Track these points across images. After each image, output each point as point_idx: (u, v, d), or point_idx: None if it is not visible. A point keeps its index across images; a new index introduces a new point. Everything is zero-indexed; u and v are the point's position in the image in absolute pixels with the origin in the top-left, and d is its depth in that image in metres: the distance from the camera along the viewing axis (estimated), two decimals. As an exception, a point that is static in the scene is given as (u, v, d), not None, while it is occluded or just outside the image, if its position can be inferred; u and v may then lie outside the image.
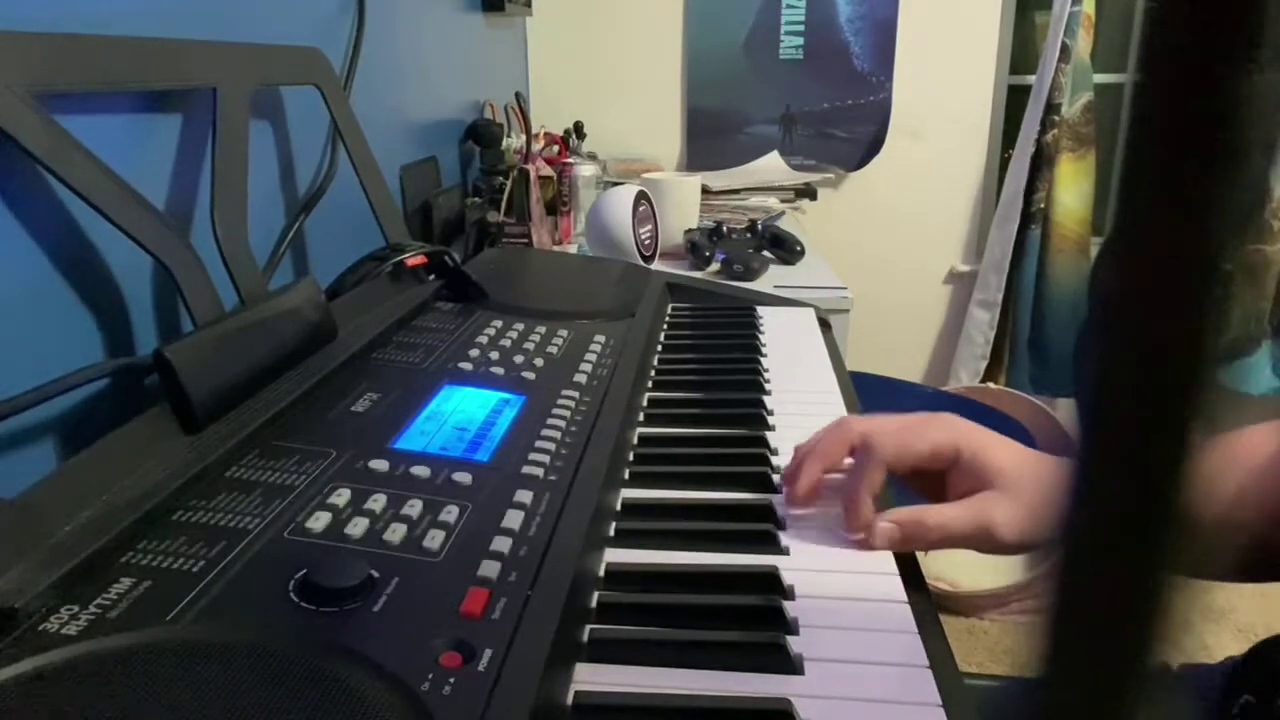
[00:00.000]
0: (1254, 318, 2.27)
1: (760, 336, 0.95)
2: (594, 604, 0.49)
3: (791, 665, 0.44)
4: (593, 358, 0.75)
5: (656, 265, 1.39)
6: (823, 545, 0.56)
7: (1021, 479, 0.55)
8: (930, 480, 0.60)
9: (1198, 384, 0.11)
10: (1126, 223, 0.11)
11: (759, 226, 1.50)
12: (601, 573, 0.52)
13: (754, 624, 0.47)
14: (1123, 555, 0.12)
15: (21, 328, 0.53)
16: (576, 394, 0.67)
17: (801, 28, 2.32)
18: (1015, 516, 0.54)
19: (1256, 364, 2.28)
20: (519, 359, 0.72)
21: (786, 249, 1.47)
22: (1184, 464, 0.11)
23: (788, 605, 0.48)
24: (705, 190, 1.72)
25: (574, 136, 1.89)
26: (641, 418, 0.74)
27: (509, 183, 1.45)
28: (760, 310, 1.04)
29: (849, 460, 0.60)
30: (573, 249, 1.53)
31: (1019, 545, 0.54)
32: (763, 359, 0.88)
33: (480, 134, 1.48)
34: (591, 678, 0.44)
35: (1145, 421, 0.12)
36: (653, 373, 0.83)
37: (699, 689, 0.42)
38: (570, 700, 0.42)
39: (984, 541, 0.55)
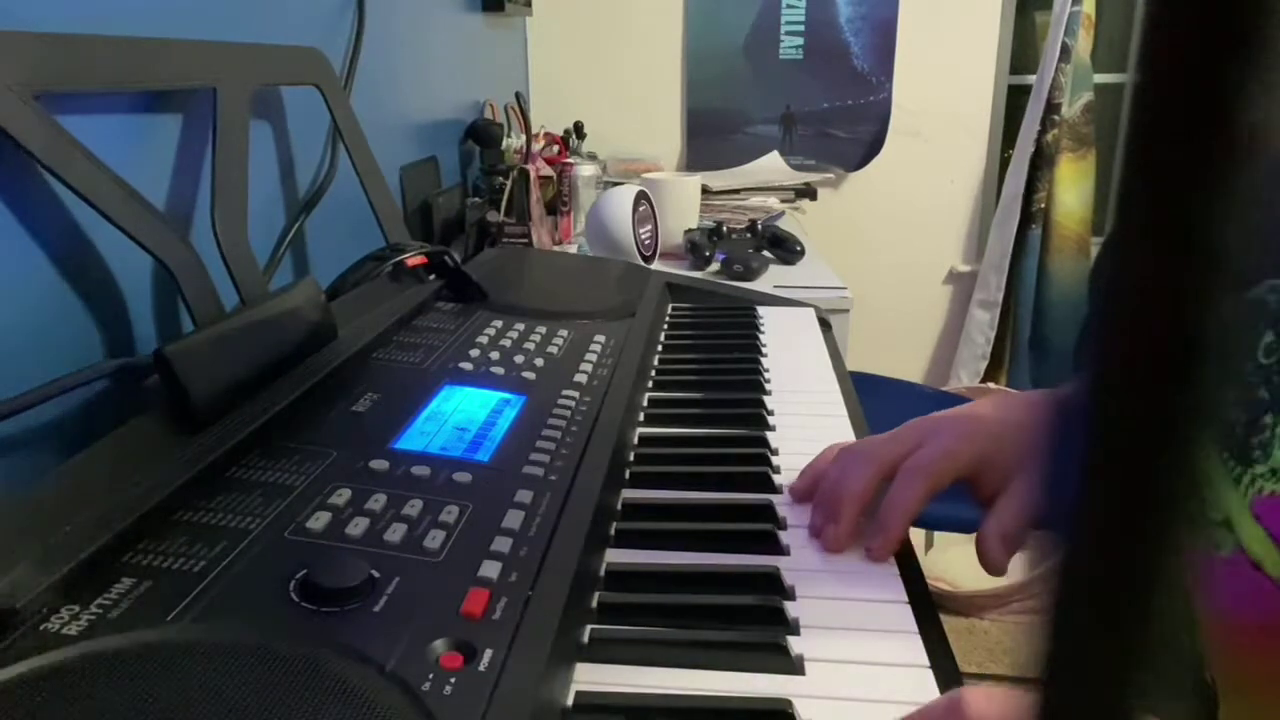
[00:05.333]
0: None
1: (760, 336, 0.95)
2: (595, 604, 0.49)
3: (792, 665, 0.44)
4: (593, 358, 0.75)
5: (656, 265, 1.39)
6: (823, 545, 0.56)
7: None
8: None
9: (1199, 383, 0.11)
10: (1127, 222, 0.11)
11: (759, 226, 1.50)
12: (602, 573, 0.52)
13: (755, 624, 0.47)
14: (1122, 553, 0.12)
15: (21, 328, 0.53)
16: (577, 394, 0.67)
17: (801, 28, 2.32)
18: None
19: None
20: (519, 359, 0.72)
21: (786, 249, 1.47)
22: (1185, 462, 0.11)
23: (788, 605, 0.48)
24: (705, 190, 1.72)
25: (574, 136, 1.90)
26: (642, 418, 0.74)
27: (509, 183, 1.45)
28: (760, 310, 1.04)
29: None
30: (573, 249, 1.53)
31: None
32: (763, 359, 0.88)
33: (480, 134, 1.48)
34: (592, 678, 0.44)
35: (1146, 421, 0.12)
36: (653, 373, 0.83)
37: (700, 689, 0.42)
38: (571, 700, 0.42)
39: None
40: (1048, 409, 0.12)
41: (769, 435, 0.70)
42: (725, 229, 1.47)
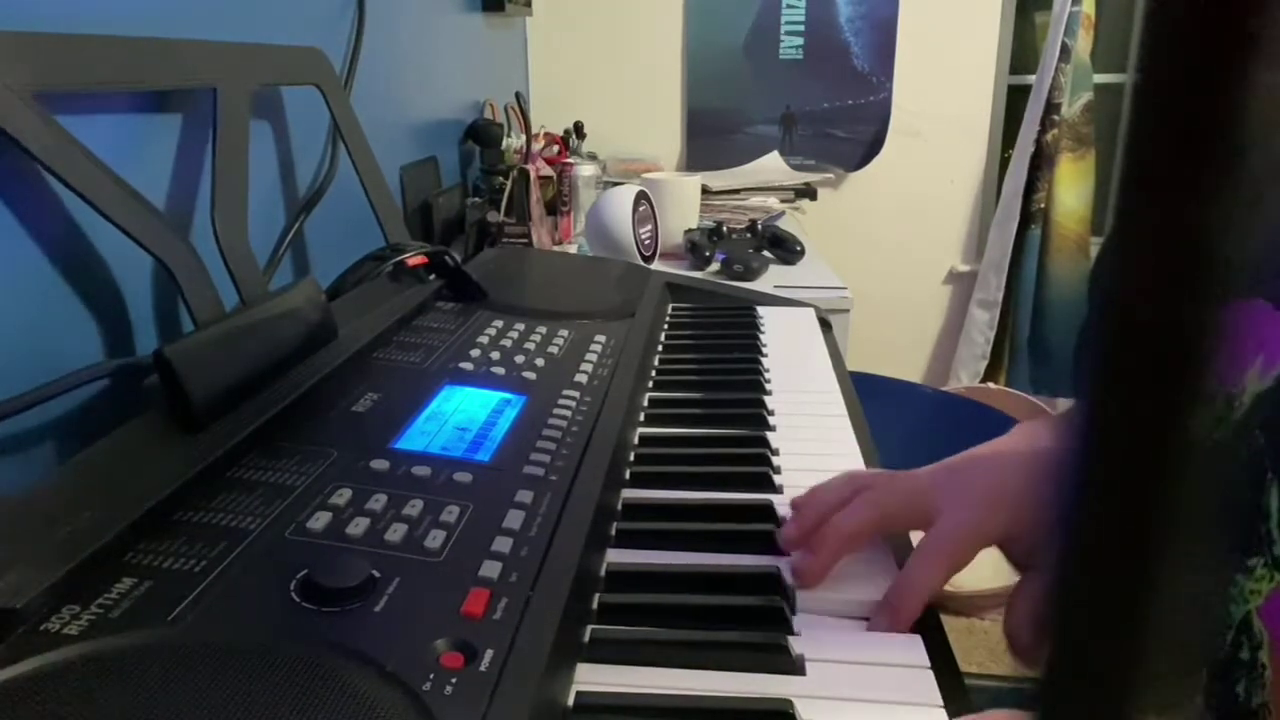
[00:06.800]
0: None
1: (760, 336, 0.95)
2: (595, 604, 0.49)
3: (793, 666, 0.44)
4: (593, 358, 0.75)
5: (656, 265, 1.39)
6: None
7: None
8: None
9: (1198, 383, 0.11)
10: (1126, 224, 0.11)
11: (759, 226, 1.50)
12: (603, 573, 0.52)
13: (755, 624, 0.47)
14: (1123, 553, 0.12)
15: (22, 327, 0.53)
16: (577, 394, 0.67)
17: (801, 28, 2.32)
18: None
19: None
20: (520, 359, 0.72)
21: (786, 249, 1.47)
22: (1184, 463, 0.12)
23: (788, 605, 0.48)
24: (705, 190, 1.72)
25: (574, 136, 1.89)
26: (642, 418, 0.74)
27: (509, 183, 1.45)
28: (760, 310, 1.04)
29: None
30: (573, 249, 1.53)
31: None
32: (763, 359, 0.88)
33: (480, 134, 1.48)
34: (593, 678, 0.44)
35: (1145, 421, 0.12)
36: (653, 373, 0.83)
37: (700, 689, 0.42)
38: (571, 701, 0.42)
39: None
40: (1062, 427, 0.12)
41: (769, 435, 0.70)
42: (725, 229, 1.47)
